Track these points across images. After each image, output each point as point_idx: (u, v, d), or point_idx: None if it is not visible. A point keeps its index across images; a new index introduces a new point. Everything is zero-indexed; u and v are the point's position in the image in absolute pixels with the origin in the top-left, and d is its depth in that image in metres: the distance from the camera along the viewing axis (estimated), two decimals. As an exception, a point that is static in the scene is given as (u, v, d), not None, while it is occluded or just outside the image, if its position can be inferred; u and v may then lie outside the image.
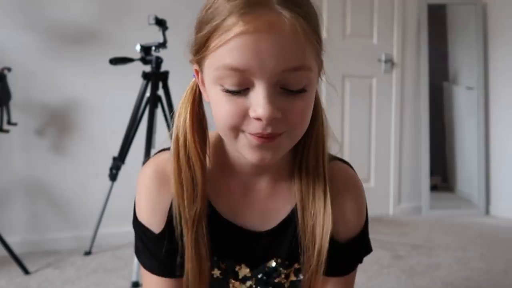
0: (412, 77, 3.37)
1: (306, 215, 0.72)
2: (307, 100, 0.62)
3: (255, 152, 0.63)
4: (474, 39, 3.41)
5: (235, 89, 0.60)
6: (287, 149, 0.66)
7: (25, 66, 2.24)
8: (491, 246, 2.43)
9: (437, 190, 3.64)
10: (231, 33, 0.57)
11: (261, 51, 0.57)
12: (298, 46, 0.58)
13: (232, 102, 0.60)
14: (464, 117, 3.64)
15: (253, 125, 0.60)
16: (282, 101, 0.60)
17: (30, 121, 2.27)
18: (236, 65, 0.58)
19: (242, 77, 0.59)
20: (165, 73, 2.10)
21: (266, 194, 0.76)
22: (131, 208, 0.80)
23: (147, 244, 0.74)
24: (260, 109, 0.58)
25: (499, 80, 3.35)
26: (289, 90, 0.60)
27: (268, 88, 0.59)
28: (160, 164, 0.75)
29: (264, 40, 0.57)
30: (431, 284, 1.86)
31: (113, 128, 2.35)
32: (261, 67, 0.57)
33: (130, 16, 2.43)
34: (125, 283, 1.84)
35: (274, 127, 0.60)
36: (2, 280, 1.85)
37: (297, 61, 0.59)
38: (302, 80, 0.60)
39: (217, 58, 0.60)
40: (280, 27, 0.57)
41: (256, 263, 0.77)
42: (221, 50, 0.59)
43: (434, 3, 3.43)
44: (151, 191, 0.74)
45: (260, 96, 0.59)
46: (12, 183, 2.26)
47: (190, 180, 0.70)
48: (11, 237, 2.09)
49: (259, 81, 0.59)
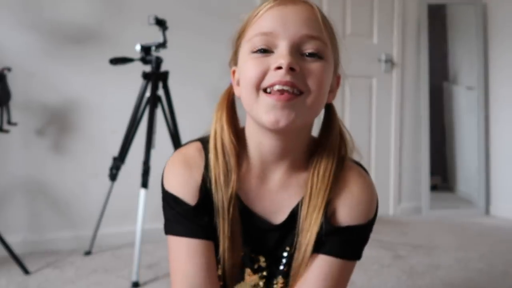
0: (412, 77, 3.37)
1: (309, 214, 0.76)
2: (323, 68, 0.71)
3: (271, 113, 0.69)
4: (474, 39, 3.41)
5: (263, 47, 0.71)
6: (302, 118, 0.71)
7: (25, 66, 2.24)
8: (491, 246, 2.43)
9: (437, 190, 3.64)
10: (264, 9, 0.72)
11: (285, 17, 0.70)
12: (316, 23, 0.71)
13: (257, 61, 0.70)
14: (464, 117, 3.64)
15: (273, 75, 0.69)
16: (300, 63, 0.70)
17: (30, 121, 2.27)
18: (264, 29, 0.70)
19: (269, 39, 0.70)
20: (165, 73, 2.10)
21: (279, 186, 0.79)
22: (131, 208, 0.82)
23: (181, 212, 0.78)
24: (282, 58, 0.68)
25: (499, 80, 3.35)
26: (307, 54, 0.70)
27: (290, 46, 0.69)
28: (187, 153, 0.81)
29: (289, 10, 0.71)
30: (431, 284, 1.86)
31: (113, 128, 2.35)
32: (284, 30, 0.70)
33: (130, 16, 2.43)
34: (125, 283, 1.84)
35: (293, 79, 0.68)
36: (2, 280, 1.85)
37: (315, 31, 0.71)
38: (318, 48, 0.71)
39: (250, 33, 0.73)
40: (302, 5, 0.72)
41: (269, 254, 0.81)
42: (254, 24, 0.72)
43: (434, 3, 3.43)
44: (181, 171, 0.79)
45: (283, 49, 0.69)
46: (12, 183, 2.26)
47: (225, 166, 0.77)
48: (11, 237, 2.09)
49: (282, 41, 0.70)
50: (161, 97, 2.10)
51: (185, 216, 0.78)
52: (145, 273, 1.93)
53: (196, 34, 2.55)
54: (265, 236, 0.80)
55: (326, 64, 0.72)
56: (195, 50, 2.55)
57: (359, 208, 0.78)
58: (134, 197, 1.98)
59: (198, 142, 0.82)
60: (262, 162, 0.79)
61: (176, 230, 0.78)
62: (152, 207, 2.10)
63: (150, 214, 2.07)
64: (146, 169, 1.93)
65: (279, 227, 0.79)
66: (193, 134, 0.91)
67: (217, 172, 0.77)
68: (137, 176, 1.96)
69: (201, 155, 0.80)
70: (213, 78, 2.52)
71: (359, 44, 3.20)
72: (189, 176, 0.78)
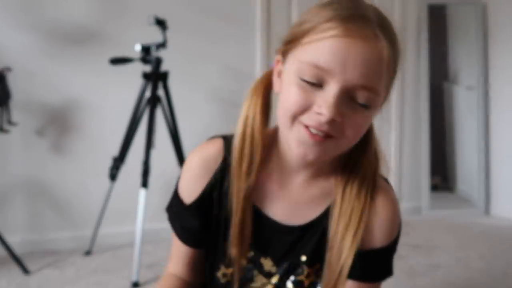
0: (412, 77, 3.37)
1: (338, 228, 0.75)
2: (366, 118, 0.68)
3: (302, 146, 0.67)
4: (474, 39, 3.41)
5: (312, 81, 0.65)
6: (330, 155, 0.70)
7: (25, 66, 2.24)
8: (491, 246, 2.43)
9: (437, 190, 3.64)
10: (327, 34, 0.63)
11: (348, 58, 0.62)
12: (379, 70, 0.65)
13: (302, 91, 0.65)
14: (464, 117, 3.64)
15: (312, 117, 0.65)
16: (345, 109, 0.65)
17: (30, 121, 2.27)
18: (321, 64, 0.63)
19: (321, 74, 0.64)
20: (165, 73, 2.10)
21: (300, 192, 0.78)
22: (131, 208, 0.83)
23: (177, 212, 0.82)
24: (326, 107, 0.63)
25: (499, 80, 3.34)
26: (355, 101, 0.65)
27: (340, 92, 0.64)
28: (206, 155, 0.80)
29: (355, 48, 0.62)
30: (431, 284, 1.86)
31: (113, 128, 2.35)
32: (341, 72, 0.63)
33: (130, 16, 2.43)
34: (125, 283, 1.84)
35: (330, 128, 0.65)
36: (2, 280, 1.85)
37: (373, 82, 0.64)
38: (368, 99, 0.65)
39: (306, 52, 0.65)
40: (373, 45, 0.63)
41: (281, 258, 0.79)
42: (312, 46, 0.65)
43: (434, 3, 3.43)
44: (194, 173, 0.80)
45: (330, 96, 0.64)
46: (12, 183, 2.26)
47: (249, 156, 0.75)
48: (11, 237, 2.09)
49: (334, 83, 0.64)
50: (161, 97, 2.11)
51: (179, 217, 0.81)
52: (145, 273, 1.93)
53: (196, 34, 2.55)
54: (278, 239, 0.79)
55: (373, 111, 0.68)
56: (195, 50, 2.55)
57: (385, 230, 0.78)
58: (134, 197, 1.98)
59: (221, 142, 0.80)
60: (284, 167, 0.77)
61: (174, 227, 0.84)
62: (152, 207, 2.10)
63: (150, 214, 2.07)
64: (146, 169, 1.93)
65: (295, 230, 0.78)
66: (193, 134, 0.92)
67: (240, 161, 0.75)
68: (137, 176, 1.97)
69: (219, 157, 0.78)
70: (213, 78, 2.53)
71: (359, 44, 3.19)
72: (198, 179, 0.79)
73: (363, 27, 0.63)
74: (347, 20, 0.63)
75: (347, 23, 0.63)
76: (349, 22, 0.63)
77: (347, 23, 0.63)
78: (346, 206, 0.75)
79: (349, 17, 0.64)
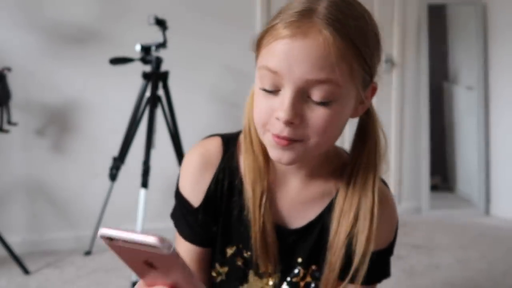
0: (412, 77, 3.37)
1: (340, 231, 0.74)
2: (330, 114, 0.65)
3: (274, 150, 0.68)
4: (474, 39, 3.41)
5: (268, 89, 0.65)
6: (306, 156, 0.69)
7: (25, 66, 2.24)
8: (491, 246, 2.43)
9: (437, 190, 3.64)
10: (273, 37, 0.64)
11: (291, 57, 0.62)
12: (326, 62, 0.62)
13: (265, 100, 0.67)
14: (464, 117, 3.64)
15: (275, 125, 0.66)
16: (305, 109, 0.65)
17: (30, 121, 2.27)
18: (270, 66, 0.64)
19: (275, 78, 0.64)
20: (165, 73, 2.10)
21: (298, 193, 0.78)
22: (131, 208, 0.82)
23: (185, 215, 0.80)
24: (282, 111, 0.64)
25: (499, 80, 3.34)
26: (313, 99, 0.64)
27: (293, 93, 0.63)
28: (205, 151, 0.79)
29: (296, 47, 0.62)
30: (431, 284, 1.86)
31: (113, 128, 2.35)
32: (289, 72, 0.63)
33: (130, 16, 2.43)
34: (125, 283, 1.84)
35: (290, 132, 0.65)
36: (2, 280, 1.85)
37: (323, 74, 0.62)
38: (326, 94, 0.64)
39: (262, 59, 0.67)
40: (313, 40, 0.62)
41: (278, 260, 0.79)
42: (265, 51, 0.66)
43: (434, 3, 3.43)
44: (195, 172, 0.79)
45: (284, 98, 0.64)
46: (12, 183, 2.26)
47: (254, 164, 0.76)
48: (11, 237, 2.09)
49: (287, 84, 0.64)
50: (161, 97, 2.11)
51: (187, 220, 0.79)
52: (145, 273, 1.93)
53: (196, 34, 2.55)
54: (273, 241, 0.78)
55: (336, 107, 0.65)
56: (195, 50, 2.55)
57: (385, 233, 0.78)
58: (134, 197, 1.98)
59: (219, 139, 0.80)
60: (279, 168, 0.77)
61: (178, 227, 0.81)
62: (152, 207, 2.11)
63: (150, 214, 2.07)
64: (146, 169, 1.93)
65: (293, 233, 0.77)
66: (193, 134, 0.91)
67: (248, 167, 0.76)
68: (137, 176, 1.97)
69: (219, 153, 0.78)
70: (213, 78, 2.53)
71: (359, 44, 3.20)
72: (201, 177, 0.78)
73: (306, 23, 0.62)
74: (291, 21, 0.63)
75: (291, 23, 0.63)
76: (293, 22, 0.63)
77: (291, 23, 0.63)
78: (348, 206, 0.74)
79: (293, 16, 0.64)
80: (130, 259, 0.53)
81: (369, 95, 0.73)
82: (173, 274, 0.53)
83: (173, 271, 0.52)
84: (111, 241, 0.50)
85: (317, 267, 0.78)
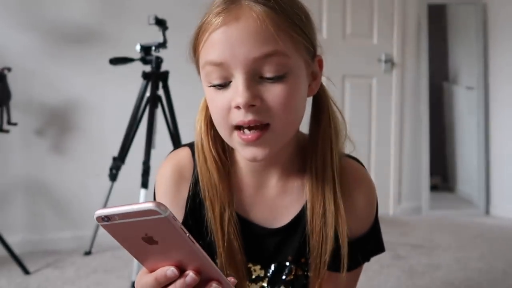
0: (412, 77, 3.37)
1: (315, 214, 0.74)
2: (288, 88, 0.64)
3: (246, 149, 0.66)
4: (474, 39, 3.41)
5: (218, 82, 0.64)
6: (277, 144, 0.67)
7: (25, 66, 2.24)
8: (491, 246, 2.43)
9: (437, 190, 3.64)
10: (207, 31, 0.64)
11: (231, 42, 0.62)
12: (267, 35, 0.61)
13: (219, 96, 0.65)
14: (464, 117, 3.64)
15: (235, 115, 0.64)
16: (261, 90, 0.63)
17: (30, 121, 2.27)
18: (213, 59, 0.63)
19: (222, 70, 0.63)
20: (165, 73, 2.10)
21: (277, 191, 0.77)
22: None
23: None
24: (238, 96, 0.62)
25: (499, 80, 3.34)
26: (267, 77, 0.63)
27: (245, 76, 0.62)
28: (178, 162, 0.78)
29: (232, 31, 0.62)
30: (431, 284, 1.86)
31: (113, 128, 2.35)
32: (233, 57, 0.62)
33: (130, 16, 2.43)
34: (125, 283, 1.84)
35: (254, 116, 0.63)
36: (2, 280, 1.85)
37: (267, 47, 0.62)
38: (277, 67, 0.63)
39: (202, 57, 0.66)
40: (247, 19, 0.62)
41: (268, 262, 0.79)
42: (203, 49, 0.65)
43: (434, 3, 3.43)
44: (170, 188, 0.78)
45: (238, 84, 0.62)
46: (12, 183, 2.26)
47: (210, 182, 0.74)
48: (11, 237, 2.09)
49: (236, 71, 0.62)
50: (161, 97, 2.11)
51: None
52: (145, 273, 1.93)
53: (196, 34, 2.55)
54: (263, 243, 0.78)
55: (291, 78, 0.64)
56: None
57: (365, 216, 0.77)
58: (134, 197, 1.98)
59: (188, 149, 0.79)
60: (253, 170, 0.76)
61: None
62: (152, 207, 2.10)
63: (150, 214, 2.06)
64: (146, 169, 1.93)
65: (279, 231, 0.77)
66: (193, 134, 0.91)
67: (205, 187, 0.74)
68: (137, 176, 1.96)
69: (190, 165, 0.77)
70: (213, 78, 2.52)
71: (359, 44, 3.20)
72: (177, 193, 0.77)
73: (233, 8, 0.63)
74: (219, 9, 0.63)
75: (219, 12, 0.63)
76: (220, 11, 0.63)
77: (219, 12, 0.63)
78: (315, 191, 0.73)
79: (220, 5, 0.64)
80: (129, 239, 0.51)
81: (318, 70, 0.72)
82: (175, 246, 0.51)
83: (173, 241, 0.50)
84: (108, 222, 0.48)
85: (305, 260, 0.78)
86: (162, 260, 0.53)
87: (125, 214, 0.47)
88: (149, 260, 0.54)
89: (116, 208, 0.48)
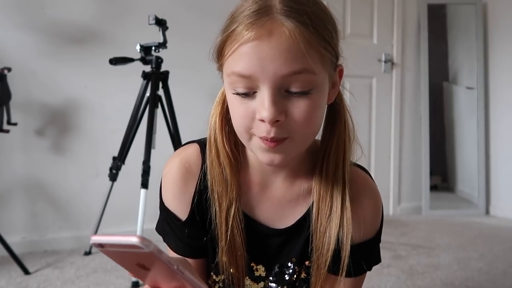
0: (412, 77, 3.37)
1: (321, 214, 0.74)
2: (312, 103, 0.64)
3: (265, 154, 0.67)
4: (474, 39, 3.41)
5: (244, 92, 0.64)
6: (296, 152, 0.69)
7: (25, 66, 2.24)
8: (491, 246, 2.43)
9: (437, 190, 3.64)
10: (237, 42, 0.63)
11: (262, 58, 0.61)
12: (297, 52, 0.61)
13: (243, 105, 0.65)
14: (464, 117, 3.64)
15: (260, 128, 0.64)
16: (286, 104, 0.64)
17: (30, 121, 2.27)
18: (242, 71, 0.63)
19: (249, 82, 0.63)
20: (165, 73, 2.10)
21: (283, 192, 0.78)
22: (131, 208, 0.81)
23: (173, 228, 0.79)
24: (264, 111, 0.62)
25: (499, 80, 3.35)
26: (292, 92, 0.63)
27: (272, 91, 0.62)
28: (185, 158, 0.79)
29: (264, 47, 0.61)
30: (431, 284, 1.86)
31: (113, 128, 2.35)
32: (262, 73, 0.62)
33: (130, 16, 2.43)
34: (125, 283, 1.84)
35: (277, 131, 0.64)
36: (2, 280, 1.85)
37: (297, 65, 0.62)
38: (304, 84, 0.63)
39: (229, 66, 0.65)
40: (279, 35, 0.61)
41: (271, 262, 0.79)
42: (231, 58, 0.64)
43: (434, 3, 3.43)
44: (178, 183, 0.78)
45: (264, 99, 0.63)
46: (12, 183, 2.26)
47: (221, 177, 0.75)
48: (11, 237, 2.09)
49: (263, 85, 0.63)
50: (161, 97, 2.11)
51: (176, 233, 0.78)
52: (145, 273, 1.93)
53: (196, 34, 2.54)
54: (267, 243, 0.78)
55: (315, 92, 0.65)
56: (195, 50, 2.54)
57: (370, 223, 0.78)
58: (134, 197, 1.98)
59: (197, 145, 0.80)
60: (262, 169, 0.77)
61: (170, 245, 0.81)
62: (152, 207, 2.10)
63: (150, 214, 2.06)
64: (146, 169, 1.93)
65: (283, 232, 0.77)
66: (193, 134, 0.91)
67: (215, 181, 0.75)
68: (137, 176, 1.96)
69: (198, 161, 0.77)
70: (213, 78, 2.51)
71: (359, 44, 3.20)
72: (184, 188, 0.77)
73: (265, 21, 0.62)
74: (251, 21, 0.62)
75: (251, 24, 0.62)
76: (252, 23, 0.62)
77: (251, 24, 0.62)
78: (324, 194, 0.74)
79: (251, 17, 0.63)
80: (125, 262, 0.53)
81: (338, 78, 0.73)
82: (165, 276, 0.52)
83: (163, 271, 0.52)
84: (102, 248, 0.50)
85: (310, 263, 0.78)
86: (159, 282, 0.55)
87: (114, 245, 0.48)
88: (148, 279, 0.56)
89: (108, 237, 0.48)
